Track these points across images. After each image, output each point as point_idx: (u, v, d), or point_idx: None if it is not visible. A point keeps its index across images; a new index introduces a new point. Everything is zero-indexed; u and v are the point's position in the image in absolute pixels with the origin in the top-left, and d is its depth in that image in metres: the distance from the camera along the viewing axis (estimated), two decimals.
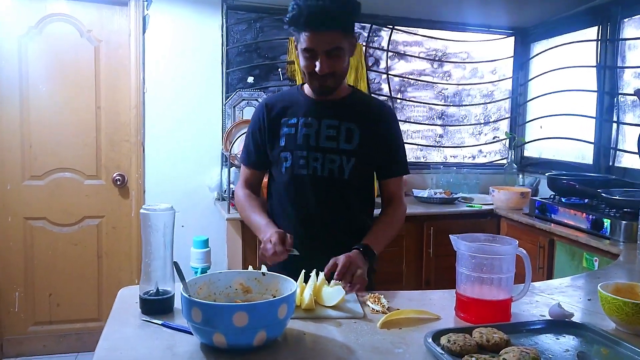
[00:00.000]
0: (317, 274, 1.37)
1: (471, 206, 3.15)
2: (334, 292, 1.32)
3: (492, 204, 3.18)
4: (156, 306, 1.26)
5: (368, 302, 1.35)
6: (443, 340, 1.08)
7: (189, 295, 1.05)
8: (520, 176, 3.73)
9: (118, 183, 3.17)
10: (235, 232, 2.85)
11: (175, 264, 1.13)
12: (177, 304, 1.29)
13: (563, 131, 3.46)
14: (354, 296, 1.39)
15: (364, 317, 1.27)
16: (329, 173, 1.61)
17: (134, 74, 3.11)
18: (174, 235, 1.32)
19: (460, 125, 3.85)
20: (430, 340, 1.08)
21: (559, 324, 1.21)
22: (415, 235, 2.99)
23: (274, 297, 1.22)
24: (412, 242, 2.99)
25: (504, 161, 3.88)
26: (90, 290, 3.18)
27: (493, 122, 3.92)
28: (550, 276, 2.60)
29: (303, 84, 1.71)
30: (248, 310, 1.01)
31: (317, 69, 1.51)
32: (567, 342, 1.14)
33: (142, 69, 3.12)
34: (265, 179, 1.79)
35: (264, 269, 1.36)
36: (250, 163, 1.74)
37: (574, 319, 1.26)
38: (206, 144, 3.26)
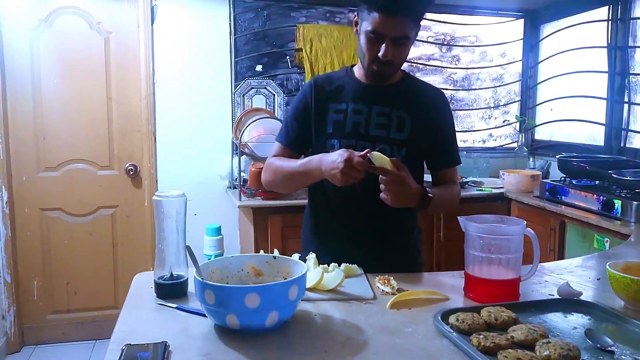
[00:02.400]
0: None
1: (481, 190, 3.15)
2: (333, 276, 1.33)
3: (503, 187, 3.17)
4: (170, 290, 1.29)
5: (378, 284, 1.37)
6: (452, 319, 1.10)
7: (202, 278, 1.08)
8: (531, 159, 3.71)
9: (131, 173, 3.21)
10: (247, 219, 2.88)
11: (188, 248, 1.16)
12: (191, 287, 1.32)
13: (574, 113, 3.44)
14: (363, 278, 1.41)
15: (373, 298, 1.29)
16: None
17: (143, 64, 3.14)
18: (187, 223, 1.35)
19: (470, 110, 3.84)
20: (439, 319, 1.10)
21: (567, 302, 1.22)
22: (426, 219, 3.00)
23: (285, 278, 1.24)
24: (423, 226, 2.94)
25: (515, 145, 3.87)
26: (106, 278, 3.24)
27: (503, 105, 3.90)
28: (561, 258, 2.61)
29: (352, 66, 1.63)
30: (260, 291, 1.03)
31: (380, 54, 1.41)
32: (576, 320, 1.15)
33: (151, 59, 3.14)
34: None
35: (276, 252, 1.39)
36: (289, 141, 1.63)
37: (582, 297, 1.27)
38: (217, 133, 3.29)
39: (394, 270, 1.44)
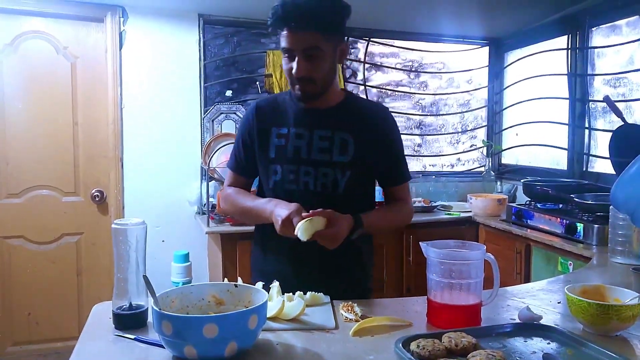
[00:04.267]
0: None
1: (450, 214, 3.19)
2: (294, 305, 1.32)
3: (470, 211, 3.22)
4: (129, 321, 1.26)
5: (341, 311, 1.36)
6: (412, 345, 1.10)
7: (159, 309, 1.05)
8: (499, 183, 3.78)
9: (97, 199, 3.15)
10: (216, 245, 2.85)
11: (145, 278, 1.14)
12: (151, 317, 1.29)
13: (538, 138, 3.53)
14: (328, 307, 1.40)
15: (335, 327, 1.28)
16: (322, 188, 1.51)
17: (111, 89, 3.12)
18: (155, 250, 1.33)
19: (438, 135, 3.90)
20: (400, 346, 1.10)
21: (527, 326, 1.23)
22: (395, 243, 3.02)
23: (246, 307, 1.22)
24: (392, 250, 3.01)
25: (482, 169, 3.93)
26: (70, 308, 3.15)
27: (470, 130, 3.98)
28: (527, 281, 2.63)
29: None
30: (218, 321, 1.02)
31: (293, 71, 1.43)
32: (535, 344, 1.16)
33: (119, 84, 3.12)
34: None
35: (274, 285, 1.38)
36: (239, 169, 1.65)
37: (542, 321, 1.28)
38: (185, 158, 3.26)
39: (341, 296, 1.44)
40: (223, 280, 1.37)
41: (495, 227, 2.91)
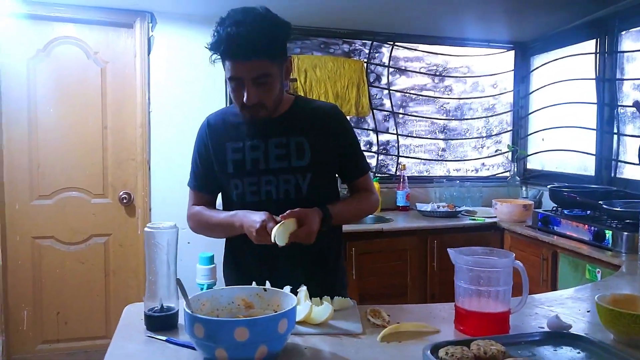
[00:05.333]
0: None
1: (474, 219, 3.17)
2: (322, 310, 1.33)
3: (495, 216, 3.19)
4: (160, 322, 1.29)
5: (368, 317, 1.37)
6: (441, 353, 1.10)
7: (192, 311, 1.08)
8: (524, 188, 3.74)
9: (124, 201, 3.21)
10: None
11: (178, 281, 1.16)
12: (182, 319, 1.32)
13: (565, 143, 3.48)
14: (355, 312, 1.41)
15: (363, 332, 1.29)
16: (285, 194, 1.52)
17: (139, 94, 3.17)
18: (180, 252, 1.36)
19: (462, 139, 3.88)
20: (428, 352, 1.10)
21: (557, 335, 1.22)
22: (420, 249, 3.01)
23: (275, 311, 1.24)
24: (417, 256, 3.00)
25: (507, 174, 3.90)
26: (98, 308, 3.21)
27: (495, 135, 3.94)
28: (554, 288, 2.60)
29: None
30: (249, 325, 1.04)
31: (244, 99, 1.40)
32: (565, 353, 1.15)
33: (147, 89, 3.18)
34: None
35: (267, 284, 1.39)
36: (200, 187, 1.63)
37: (572, 330, 1.27)
38: None
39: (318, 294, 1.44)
40: (251, 284, 1.39)
41: (521, 233, 2.88)
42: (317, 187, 1.55)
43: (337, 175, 1.69)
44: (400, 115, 3.72)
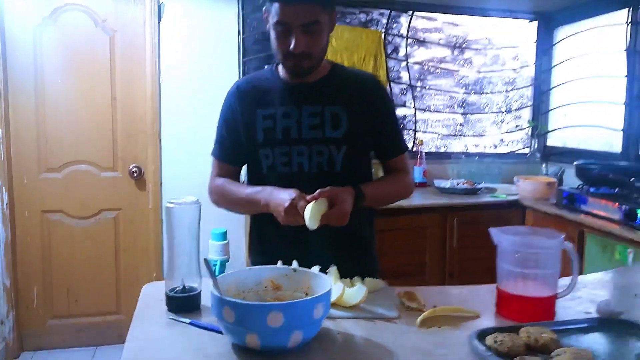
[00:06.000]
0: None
1: (495, 197, 3.07)
2: (355, 292, 1.24)
3: (517, 194, 3.09)
4: (183, 304, 1.21)
5: (403, 300, 1.28)
6: (489, 340, 1.02)
7: (220, 294, 0.99)
8: (543, 165, 3.63)
9: (135, 175, 3.13)
10: None
11: (206, 262, 1.07)
12: (204, 300, 1.24)
13: (589, 119, 3.36)
14: (387, 293, 1.33)
15: (398, 317, 1.20)
16: (317, 167, 1.42)
17: (149, 64, 3.06)
18: None
19: (481, 114, 3.76)
20: (475, 341, 1.02)
21: (610, 322, 1.14)
22: (439, 226, 2.91)
23: (306, 294, 1.16)
24: (435, 233, 2.91)
25: (526, 150, 3.78)
26: (108, 284, 3.16)
27: (515, 110, 3.82)
28: (580, 270, 2.51)
29: (278, 63, 1.48)
30: (284, 309, 0.95)
31: (291, 47, 1.31)
32: (623, 342, 1.06)
33: (157, 58, 3.06)
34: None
35: (294, 263, 1.31)
36: (225, 157, 1.54)
37: (623, 316, 1.18)
38: None
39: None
40: (277, 263, 1.31)
41: (545, 211, 2.78)
42: (351, 163, 1.45)
43: (371, 153, 1.58)
44: (418, 89, 3.59)
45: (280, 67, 1.49)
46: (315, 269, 1.28)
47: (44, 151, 3.00)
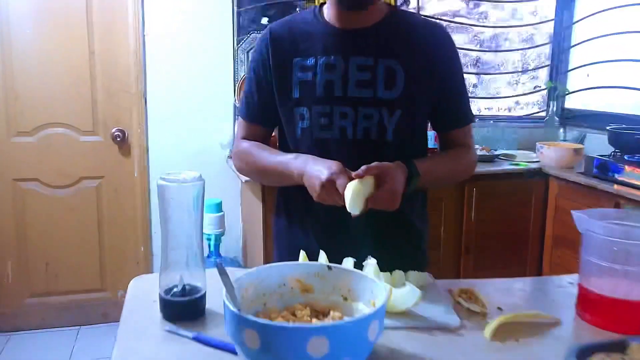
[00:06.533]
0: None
1: (516, 164, 2.80)
2: (406, 293, 0.96)
3: (538, 161, 2.84)
4: (183, 310, 0.94)
5: (460, 300, 1.02)
6: None
7: (239, 310, 0.72)
8: (561, 130, 3.37)
9: (118, 139, 2.81)
10: (254, 194, 2.52)
11: (220, 268, 0.78)
12: (211, 303, 0.97)
13: (615, 80, 3.08)
14: (442, 293, 1.06)
15: (461, 325, 0.94)
16: (364, 134, 1.16)
17: (132, 13, 2.70)
18: None
19: (496, 74, 3.46)
20: None
21: None
22: (455, 197, 2.66)
23: (345, 299, 0.89)
24: (451, 205, 2.66)
25: (542, 114, 3.51)
26: (91, 259, 2.87)
27: (532, 70, 3.53)
28: None
29: (323, 4, 1.23)
30: (330, 333, 0.68)
31: None
32: None
33: (141, 7, 2.70)
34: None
35: (321, 256, 1.03)
36: (253, 117, 1.27)
37: None
38: (216, 95, 2.88)
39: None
40: (299, 253, 1.03)
41: (573, 181, 2.53)
42: (405, 131, 1.18)
43: (429, 122, 1.29)
44: None
45: (326, 8, 1.21)
46: (349, 262, 1.02)
47: (13, 111, 2.66)
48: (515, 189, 2.74)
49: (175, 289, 0.95)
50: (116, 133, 2.80)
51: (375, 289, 0.84)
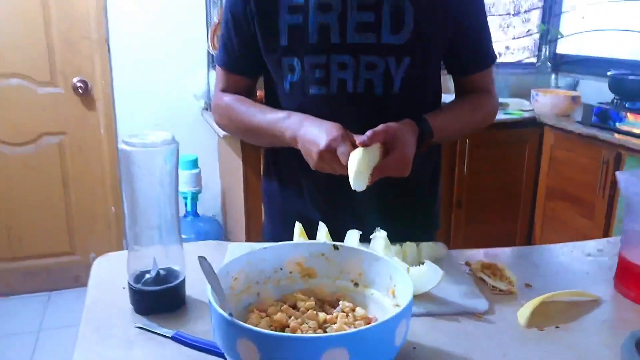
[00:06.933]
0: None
1: (510, 113, 2.66)
2: (426, 273, 0.81)
3: (532, 110, 2.69)
4: (158, 301, 0.77)
5: (483, 276, 0.88)
6: None
7: (230, 314, 0.55)
8: (553, 77, 3.22)
9: (80, 91, 2.55)
10: (233, 151, 2.33)
11: (203, 262, 0.61)
12: (192, 290, 0.81)
13: (612, 22, 2.92)
14: (458, 266, 0.92)
15: (490, 309, 0.80)
16: (365, 88, 0.98)
17: None
18: None
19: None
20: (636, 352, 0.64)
21: None
22: (447, 150, 2.51)
23: (356, 285, 0.74)
24: (444, 158, 2.50)
25: (534, 60, 3.35)
26: (58, 221, 2.67)
27: (524, 12, 3.33)
28: (612, 196, 2.20)
29: None
30: (350, 342, 0.53)
31: None
32: None
33: None
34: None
35: (321, 229, 0.88)
36: (233, 65, 1.07)
37: None
38: (187, 40, 2.63)
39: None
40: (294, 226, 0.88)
41: (571, 130, 2.40)
42: (415, 82, 0.99)
43: (443, 65, 1.09)
44: None
45: None
46: (354, 236, 0.86)
47: None
48: (511, 139, 2.61)
49: (147, 275, 0.78)
50: (78, 84, 2.54)
51: (394, 274, 0.69)
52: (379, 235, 0.87)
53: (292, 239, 0.93)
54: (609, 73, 2.41)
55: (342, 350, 0.52)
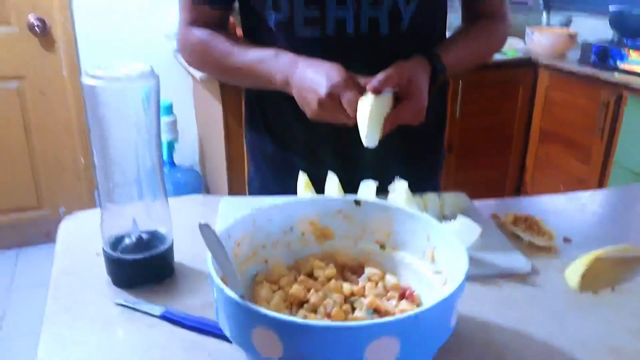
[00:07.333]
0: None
1: (505, 53, 2.52)
2: (461, 230, 0.68)
3: (527, 49, 2.55)
4: (141, 272, 0.64)
5: (517, 232, 0.77)
6: None
7: (241, 296, 0.42)
8: (544, 14, 3.07)
9: (37, 31, 2.30)
10: (212, 95, 2.15)
11: (206, 230, 0.47)
12: (180, 256, 0.67)
13: None
14: (484, 217, 0.80)
15: (533, 270, 0.69)
16: (370, 28, 0.82)
17: None
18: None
19: None
20: None
21: None
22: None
23: (382, 247, 0.61)
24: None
25: None
26: (21, 174, 2.47)
27: None
28: (611, 140, 2.12)
29: None
30: (401, 331, 0.41)
31: None
32: None
33: None
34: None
35: (330, 179, 0.75)
36: None
37: None
38: None
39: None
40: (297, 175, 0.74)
41: (569, 70, 2.28)
42: (426, 16, 0.85)
43: None
44: None
45: None
46: (371, 187, 0.73)
47: None
48: (504, 80, 2.48)
49: (127, 240, 0.64)
50: (34, 22, 2.29)
51: (434, 234, 0.56)
52: (400, 187, 0.74)
53: (285, 192, 0.80)
54: (610, 8, 2.27)
55: (392, 339, 0.40)
